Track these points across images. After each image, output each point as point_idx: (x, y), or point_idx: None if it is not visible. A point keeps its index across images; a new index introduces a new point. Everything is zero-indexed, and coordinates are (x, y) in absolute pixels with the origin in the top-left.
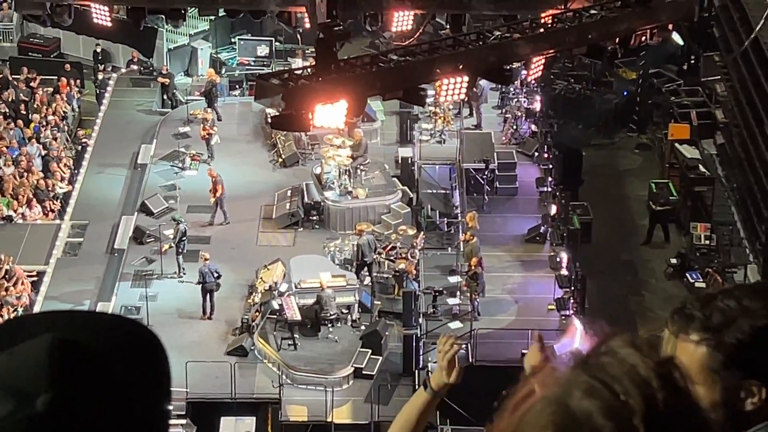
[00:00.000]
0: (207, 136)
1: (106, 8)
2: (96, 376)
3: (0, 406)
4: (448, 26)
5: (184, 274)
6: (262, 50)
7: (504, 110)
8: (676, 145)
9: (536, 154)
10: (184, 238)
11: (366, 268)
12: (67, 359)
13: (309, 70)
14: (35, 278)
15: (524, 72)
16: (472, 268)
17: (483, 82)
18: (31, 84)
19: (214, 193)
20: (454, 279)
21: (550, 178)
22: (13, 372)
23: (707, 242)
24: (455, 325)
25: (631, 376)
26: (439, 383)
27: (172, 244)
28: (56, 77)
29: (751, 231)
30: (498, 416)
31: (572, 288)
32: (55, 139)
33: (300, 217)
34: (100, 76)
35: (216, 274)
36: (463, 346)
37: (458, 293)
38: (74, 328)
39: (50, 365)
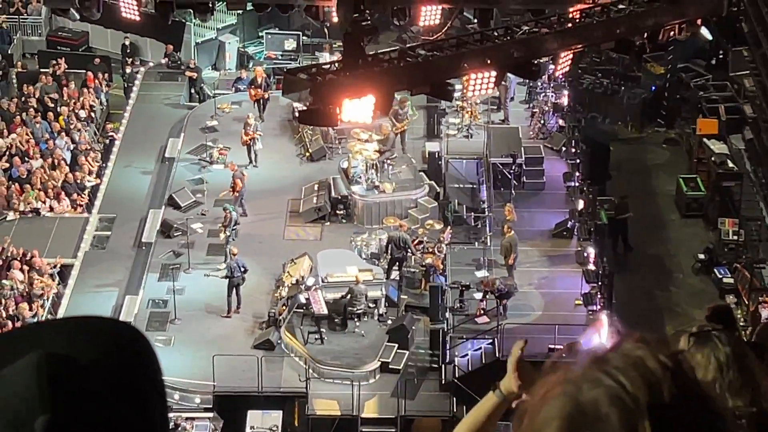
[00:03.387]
0: (249, 142)
1: (135, 2)
2: (86, 390)
3: None
4: (475, 21)
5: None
6: (290, 44)
7: (531, 105)
8: (705, 140)
9: (563, 148)
10: (236, 226)
11: (396, 264)
12: (55, 377)
13: (336, 64)
14: (57, 270)
15: (552, 67)
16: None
17: (510, 77)
18: (58, 73)
19: (233, 189)
20: (481, 273)
21: (577, 173)
22: (3, 400)
23: (735, 237)
24: (482, 319)
25: (637, 367)
26: (508, 388)
27: (228, 231)
28: (84, 71)
29: None
30: (517, 418)
31: (599, 283)
32: (84, 132)
33: (327, 211)
34: (128, 70)
35: (243, 269)
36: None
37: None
38: (59, 341)
39: (39, 386)
